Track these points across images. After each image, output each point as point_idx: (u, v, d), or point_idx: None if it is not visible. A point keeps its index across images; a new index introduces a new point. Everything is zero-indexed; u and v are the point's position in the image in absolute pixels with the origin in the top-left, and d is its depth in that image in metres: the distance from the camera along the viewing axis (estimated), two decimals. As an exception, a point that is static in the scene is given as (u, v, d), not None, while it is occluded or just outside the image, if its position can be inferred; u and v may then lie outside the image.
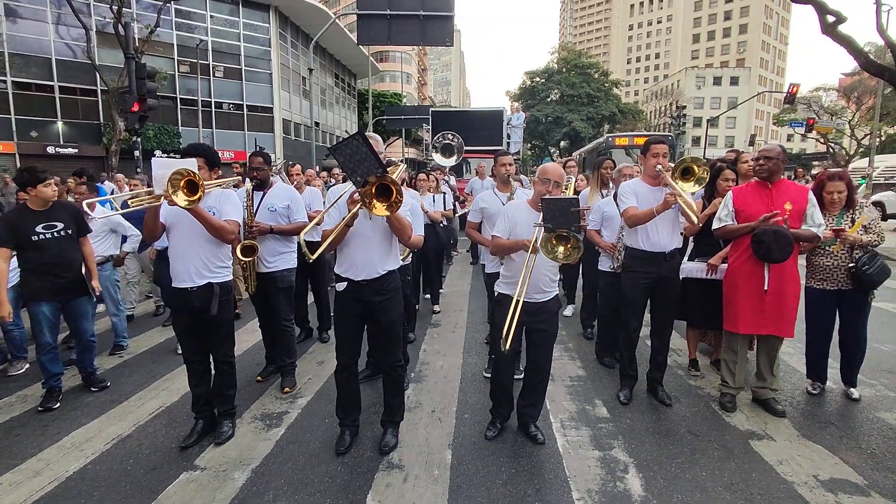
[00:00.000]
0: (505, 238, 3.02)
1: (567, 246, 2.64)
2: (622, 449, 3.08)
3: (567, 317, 5.96)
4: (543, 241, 2.66)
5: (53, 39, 23.93)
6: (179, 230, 3.00)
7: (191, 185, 2.67)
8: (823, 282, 3.64)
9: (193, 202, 2.69)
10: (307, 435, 3.26)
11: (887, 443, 3.13)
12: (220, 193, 3.12)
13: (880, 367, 4.30)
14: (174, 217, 2.96)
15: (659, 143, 3.48)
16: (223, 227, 2.97)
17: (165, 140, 26.73)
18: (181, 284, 3.02)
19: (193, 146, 3.11)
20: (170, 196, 2.64)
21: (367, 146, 2.58)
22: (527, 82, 56.59)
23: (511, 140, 16.87)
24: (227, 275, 3.15)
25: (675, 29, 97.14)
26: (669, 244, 3.51)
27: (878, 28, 13.68)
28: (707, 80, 67.23)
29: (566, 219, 2.64)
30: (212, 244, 3.03)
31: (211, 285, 3.04)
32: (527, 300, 2.87)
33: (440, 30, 14.41)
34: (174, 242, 3.04)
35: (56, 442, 3.17)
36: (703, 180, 3.21)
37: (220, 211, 3.05)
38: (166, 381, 4.13)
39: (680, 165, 3.25)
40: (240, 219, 3.18)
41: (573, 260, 2.67)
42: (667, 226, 3.49)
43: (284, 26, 33.84)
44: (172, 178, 2.63)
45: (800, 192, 3.39)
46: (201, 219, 2.86)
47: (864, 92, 37.86)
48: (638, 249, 3.58)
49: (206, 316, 3.04)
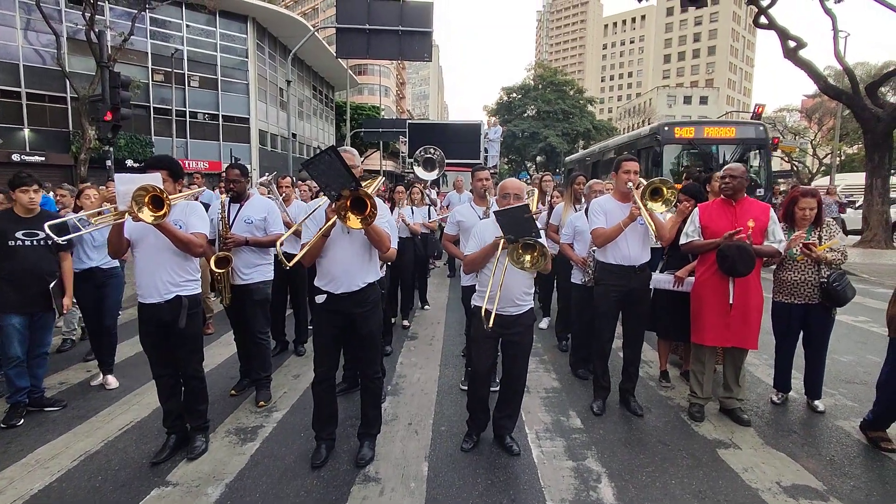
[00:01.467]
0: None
1: (534, 254, 2.69)
2: (595, 459, 3.14)
3: (542, 329, 6.04)
4: (510, 251, 2.71)
5: (22, 45, 23.32)
6: (145, 245, 2.96)
7: (156, 201, 2.63)
8: (791, 296, 3.72)
9: (159, 217, 2.66)
10: (282, 449, 3.23)
11: (845, 450, 3.27)
12: (185, 205, 3.08)
13: (839, 377, 4.48)
14: (139, 232, 2.92)
15: (630, 160, 3.58)
16: (191, 241, 2.95)
17: (137, 149, 26.19)
18: (149, 300, 2.97)
19: (156, 158, 3.09)
20: (134, 212, 2.60)
21: (339, 160, 2.60)
22: (504, 98, 57.48)
23: (488, 154, 17.00)
24: (195, 287, 3.12)
25: (647, 49, 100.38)
26: (640, 258, 3.62)
27: (836, 54, 14.42)
28: (678, 99, 69.31)
29: (522, 227, 2.70)
30: (179, 258, 3.00)
31: (179, 298, 3.01)
32: (502, 313, 2.91)
33: (419, 45, 14.58)
34: (140, 257, 2.99)
35: (20, 459, 3.07)
36: (669, 202, 3.31)
37: (187, 224, 3.01)
38: (136, 396, 4.04)
39: (650, 186, 3.32)
40: (207, 231, 3.14)
41: (543, 267, 2.73)
42: (637, 240, 3.59)
43: (262, 37, 33.73)
44: (136, 195, 2.58)
45: (762, 210, 3.53)
46: (168, 234, 2.84)
47: (824, 113, 39.58)
48: (609, 263, 3.66)
49: (174, 329, 3.01)
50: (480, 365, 3.18)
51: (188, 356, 3.14)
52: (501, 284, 2.83)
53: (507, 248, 2.75)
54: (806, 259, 3.64)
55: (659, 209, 3.32)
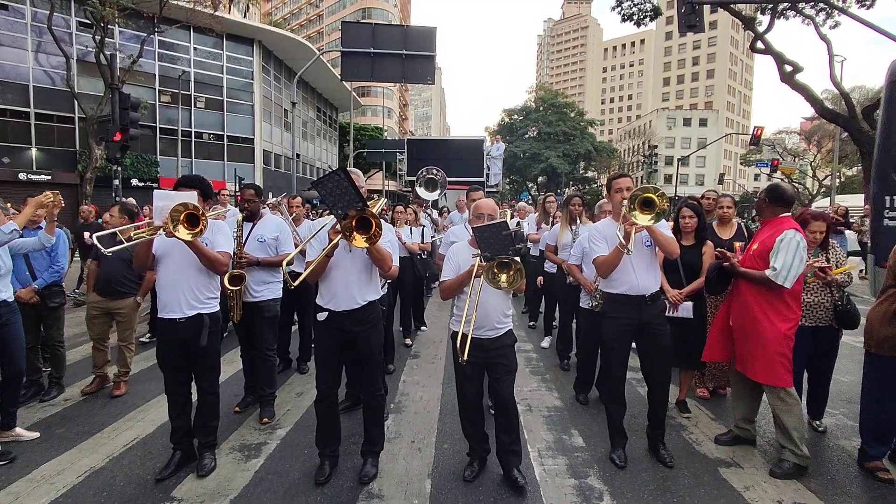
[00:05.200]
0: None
1: (509, 273, 2.66)
2: (597, 477, 3.15)
3: (544, 348, 6.07)
4: (486, 271, 2.67)
5: (32, 67, 23.81)
6: (170, 261, 3.02)
7: (191, 219, 2.71)
8: (803, 318, 3.60)
9: (196, 235, 2.74)
10: (286, 466, 3.25)
11: (846, 469, 3.28)
12: (211, 224, 3.13)
13: (840, 397, 4.49)
14: (165, 248, 2.99)
15: (621, 177, 3.38)
16: (217, 259, 3.01)
17: (143, 169, 26.52)
18: (170, 315, 3.03)
19: (188, 178, 3.16)
20: (170, 229, 2.67)
21: (348, 181, 2.68)
22: (505, 119, 58.25)
23: (490, 171, 16.39)
24: (215, 305, 3.18)
25: (646, 72, 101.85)
26: (650, 286, 3.25)
27: (832, 79, 14.65)
28: (677, 121, 70.09)
29: (500, 244, 2.66)
30: (202, 275, 3.06)
31: (201, 316, 3.06)
32: (482, 336, 2.88)
33: (422, 68, 14.83)
34: (164, 273, 3.05)
35: (26, 475, 3.09)
36: (662, 214, 2.95)
37: (213, 242, 3.08)
38: (141, 413, 4.06)
39: (640, 196, 2.92)
40: (231, 250, 3.22)
41: (519, 286, 2.69)
42: (643, 265, 3.23)
43: (268, 60, 34.36)
44: (174, 211, 2.66)
45: (772, 234, 3.23)
46: (198, 251, 2.90)
47: (823, 136, 39.95)
48: (615, 293, 3.29)
49: (194, 347, 3.05)
50: (466, 392, 3.10)
51: (206, 373, 3.19)
52: (477, 306, 2.77)
53: (483, 266, 2.70)
54: (816, 281, 3.60)
55: (644, 221, 2.90)
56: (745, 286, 3.33)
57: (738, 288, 3.41)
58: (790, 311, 3.21)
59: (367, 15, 60.17)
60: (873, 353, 3.21)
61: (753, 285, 3.26)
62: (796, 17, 15.31)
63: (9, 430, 3.54)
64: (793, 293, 3.20)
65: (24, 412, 3.98)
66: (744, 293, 3.34)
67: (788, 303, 3.19)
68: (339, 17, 58.40)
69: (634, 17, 17.00)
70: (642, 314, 3.25)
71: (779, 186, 3.31)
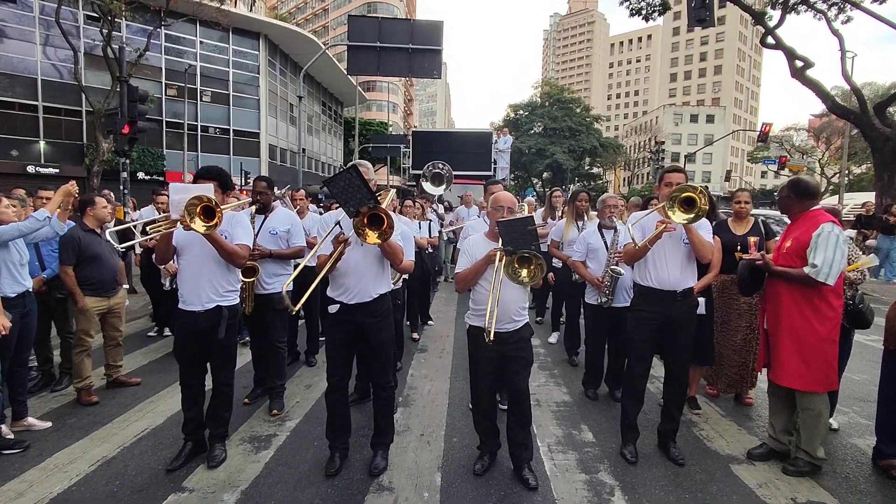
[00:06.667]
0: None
1: (530, 267, 2.66)
2: (608, 472, 3.14)
3: (552, 344, 6.06)
4: (506, 265, 2.67)
5: (40, 60, 23.89)
6: (190, 254, 3.02)
7: (207, 211, 2.69)
8: None
9: (211, 228, 2.72)
10: (296, 457, 3.26)
11: (860, 467, 3.26)
12: (231, 216, 3.13)
13: (853, 395, 4.46)
14: (185, 240, 2.98)
15: (675, 171, 3.26)
16: (236, 252, 3.00)
17: (149, 162, 26.59)
18: (189, 307, 3.03)
19: (207, 169, 3.14)
20: (186, 222, 2.66)
21: (360, 179, 2.67)
22: (511, 115, 57.99)
23: (498, 165, 15.87)
24: (234, 298, 3.19)
25: (653, 68, 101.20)
26: (681, 282, 3.16)
27: (843, 74, 14.51)
28: (684, 118, 69.66)
29: (525, 239, 2.66)
30: (222, 268, 3.06)
31: (220, 308, 3.06)
32: (500, 330, 2.84)
33: (428, 62, 14.78)
34: (185, 265, 3.06)
35: (39, 463, 3.11)
36: (701, 214, 2.86)
37: (232, 234, 3.07)
38: (151, 404, 4.08)
39: (681, 194, 2.84)
40: (250, 242, 3.21)
41: (538, 281, 2.70)
42: (677, 260, 3.16)
43: (274, 54, 34.33)
44: (189, 204, 2.64)
45: (807, 229, 3.06)
46: (216, 244, 2.89)
47: (832, 133, 39.67)
48: (645, 286, 3.25)
49: (212, 339, 3.06)
50: (482, 385, 3.10)
51: (223, 364, 3.20)
52: (499, 300, 2.75)
53: (504, 261, 2.70)
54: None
55: (679, 220, 2.86)
56: (781, 286, 3.12)
57: (774, 288, 3.19)
58: (831, 310, 3.01)
59: (372, 9, 59.98)
60: (893, 349, 3.15)
61: (790, 285, 3.07)
62: (807, 12, 15.15)
63: (21, 420, 3.57)
64: (835, 291, 3.00)
65: (36, 402, 4.01)
66: (779, 293, 3.14)
67: (830, 301, 3.00)
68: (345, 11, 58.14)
69: (643, 11, 16.84)
70: (670, 310, 3.17)
71: (801, 180, 3.18)
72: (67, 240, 3.97)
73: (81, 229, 4.08)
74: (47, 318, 4.35)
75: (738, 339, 4.01)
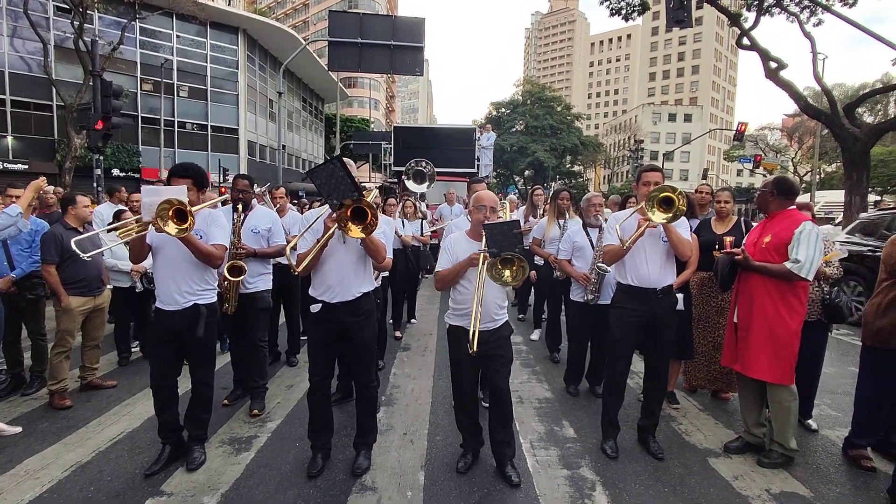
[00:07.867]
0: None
1: (512, 269, 2.68)
2: (589, 468, 3.18)
3: (534, 341, 6.10)
4: (489, 266, 2.69)
5: (8, 52, 23.13)
6: (165, 253, 2.97)
7: (180, 214, 2.63)
8: None
9: (183, 231, 2.66)
10: (278, 458, 3.22)
11: (831, 458, 3.36)
12: (207, 214, 3.07)
13: (823, 388, 4.56)
14: (160, 239, 2.92)
15: (652, 170, 3.33)
16: (212, 253, 2.95)
17: (124, 159, 26.00)
18: (166, 307, 2.98)
19: (182, 166, 3.06)
20: (158, 225, 2.60)
21: (344, 170, 2.65)
22: (493, 112, 58.07)
23: (481, 162, 15.76)
24: (212, 296, 3.13)
25: (632, 67, 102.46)
26: (662, 280, 3.22)
27: (815, 76, 14.88)
28: (663, 117, 70.70)
29: (509, 242, 2.68)
30: (197, 267, 3.00)
31: (197, 307, 3.01)
32: (480, 329, 2.81)
33: (410, 59, 14.71)
34: (159, 265, 3.00)
35: (9, 470, 3.02)
36: (680, 213, 2.92)
37: (208, 234, 3.02)
38: (127, 406, 3.99)
39: (659, 194, 2.91)
40: (227, 242, 3.16)
41: (520, 282, 2.72)
42: (657, 258, 3.21)
43: (252, 49, 33.81)
44: (161, 208, 2.57)
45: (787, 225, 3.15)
46: (191, 246, 2.84)
47: (804, 132, 40.67)
48: (627, 284, 3.31)
49: (190, 337, 3.00)
50: (464, 385, 3.10)
51: (201, 363, 3.15)
52: (480, 301, 2.75)
53: (487, 262, 2.71)
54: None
55: (658, 219, 2.92)
56: (756, 281, 3.18)
57: (748, 283, 3.26)
58: (801, 305, 3.13)
59: (353, 5, 59.50)
60: (869, 345, 3.26)
61: (766, 280, 3.13)
62: (781, 14, 15.48)
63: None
64: (804, 287, 3.13)
65: (6, 406, 3.90)
66: (753, 288, 3.20)
67: (801, 297, 3.11)
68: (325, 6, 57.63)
69: (623, 11, 17.00)
70: (651, 307, 3.22)
71: (787, 179, 3.27)
72: (49, 238, 3.87)
73: (63, 227, 3.98)
74: (17, 319, 4.23)
75: (717, 336, 4.09)
